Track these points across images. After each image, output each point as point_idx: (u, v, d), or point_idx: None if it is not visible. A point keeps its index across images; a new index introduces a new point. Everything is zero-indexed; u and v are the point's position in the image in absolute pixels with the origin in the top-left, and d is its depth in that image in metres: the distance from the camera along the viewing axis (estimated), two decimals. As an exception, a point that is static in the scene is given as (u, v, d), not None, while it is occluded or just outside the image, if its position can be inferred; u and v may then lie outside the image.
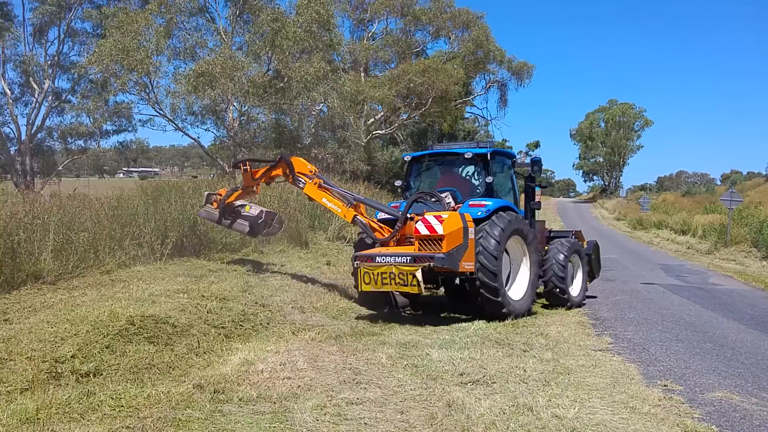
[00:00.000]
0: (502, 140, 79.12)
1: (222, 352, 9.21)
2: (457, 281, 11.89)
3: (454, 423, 6.34)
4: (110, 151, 43.17)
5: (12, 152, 38.83)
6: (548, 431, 6.20)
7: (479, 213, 11.79)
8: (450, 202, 12.32)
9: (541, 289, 13.68)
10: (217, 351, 9.32)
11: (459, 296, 13.08)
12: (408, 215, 12.02)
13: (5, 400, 7.02)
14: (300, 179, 13.08)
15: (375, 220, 12.87)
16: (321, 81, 31.53)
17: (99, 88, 36.10)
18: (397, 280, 11.00)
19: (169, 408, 6.63)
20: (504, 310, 11.57)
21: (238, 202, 14.12)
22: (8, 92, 38.31)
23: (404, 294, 12.68)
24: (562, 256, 13.45)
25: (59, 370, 7.97)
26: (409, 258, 11.12)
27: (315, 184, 12.99)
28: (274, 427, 6.15)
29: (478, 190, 12.93)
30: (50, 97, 39.00)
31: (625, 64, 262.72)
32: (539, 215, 14.96)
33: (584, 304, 14.15)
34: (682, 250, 35.14)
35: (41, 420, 6.04)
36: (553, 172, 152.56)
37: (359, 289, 12.15)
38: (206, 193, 14.52)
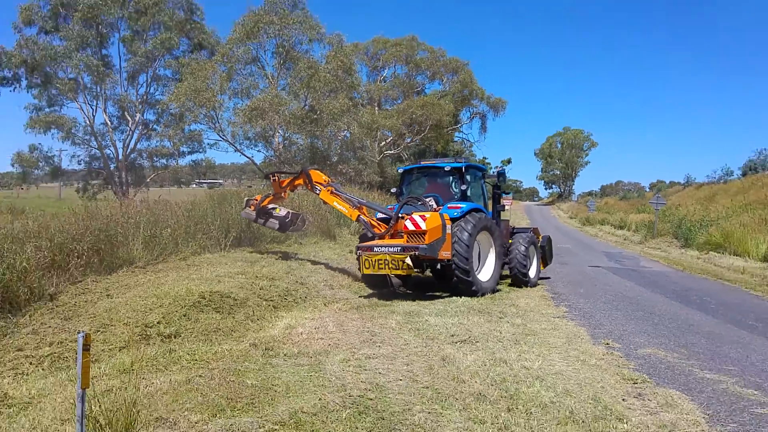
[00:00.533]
0: (482, 158, 78.78)
1: (271, 319, 9.25)
2: (438, 266, 11.74)
3: (447, 372, 6.35)
4: (186, 167, 43.20)
5: (112, 168, 38.95)
6: (519, 378, 6.19)
7: (455, 213, 11.84)
8: (432, 205, 12.36)
9: (507, 272, 13.67)
10: (267, 318, 9.36)
11: (442, 277, 12.94)
12: (400, 215, 12.02)
13: (108, 356, 7.07)
14: (317, 187, 13.03)
15: (375, 219, 12.78)
16: (345, 113, 31.59)
17: (177, 120, 36.15)
18: (390, 265, 11.14)
19: (231, 361, 6.66)
20: (474, 288, 11.58)
21: (271, 205, 13.99)
22: (109, 123, 38.41)
23: (398, 276, 12.65)
24: (523, 248, 13.48)
25: (148, 333, 8.01)
26: (399, 248, 11.20)
27: (328, 190, 12.94)
28: (311, 375, 6.16)
29: (455, 196, 12.88)
30: (140, 127, 39.05)
31: (578, 96, 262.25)
32: (509, 215, 15.08)
33: (538, 284, 14.16)
34: (620, 240, 34.99)
35: (135, 370, 6.07)
36: (521, 182, 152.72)
37: (361, 272, 12.13)
38: (246, 198, 14.50)
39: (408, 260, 10.87)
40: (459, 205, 12.12)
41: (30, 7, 35.66)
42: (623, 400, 5.75)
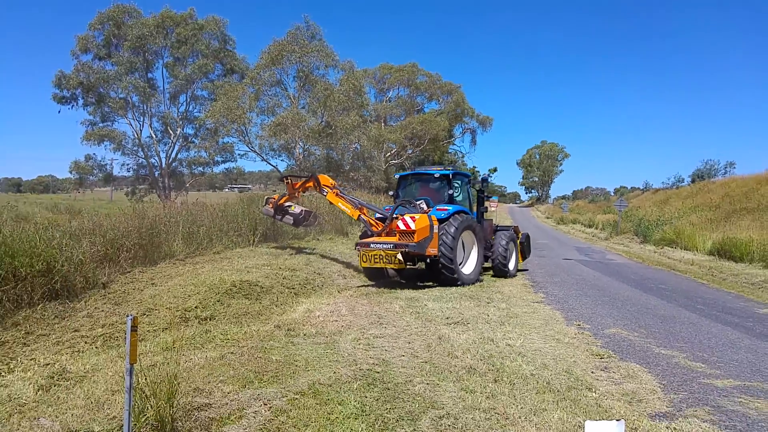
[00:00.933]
0: (473, 167, 78.50)
1: (292, 304, 9.23)
2: (428, 261, 11.57)
3: (443, 349, 6.32)
4: (219, 174, 43.32)
5: (156, 175, 39.01)
6: (503, 354, 6.16)
7: (442, 215, 11.57)
8: (423, 207, 12.12)
9: (489, 264, 13.53)
10: (289, 303, 9.34)
11: (433, 270, 12.44)
12: (394, 216, 11.77)
13: (152, 336, 7.06)
14: (324, 189, 12.80)
15: (374, 218, 12.41)
16: (356, 128, 31.62)
17: (212, 134, 36.17)
18: (384, 260, 10.95)
19: (258, 340, 6.64)
20: (457, 280, 11.40)
21: (287, 204, 13.82)
22: (154, 136, 38.50)
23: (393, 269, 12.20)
24: (504, 243, 13.36)
25: (187, 316, 8.00)
26: (392, 245, 10.96)
27: (334, 192, 12.71)
28: (327, 352, 6.13)
29: (443, 199, 12.55)
30: (181, 140, 39.08)
31: (554, 112, 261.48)
32: (494, 216, 15.00)
33: (518, 275, 13.99)
34: (589, 237, 34.78)
35: (176, 348, 6.06)
36: (506, 187, 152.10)
37: (360, 265, 11.91)
38: (266, 197, 14.37)
39: (399, 256, 10.72)
40: (446, 208, 11.86)
41: (86, 37, 35.81)
42: (592, 372, 5.74)
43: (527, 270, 15.42)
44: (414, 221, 11.02)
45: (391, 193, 14.13)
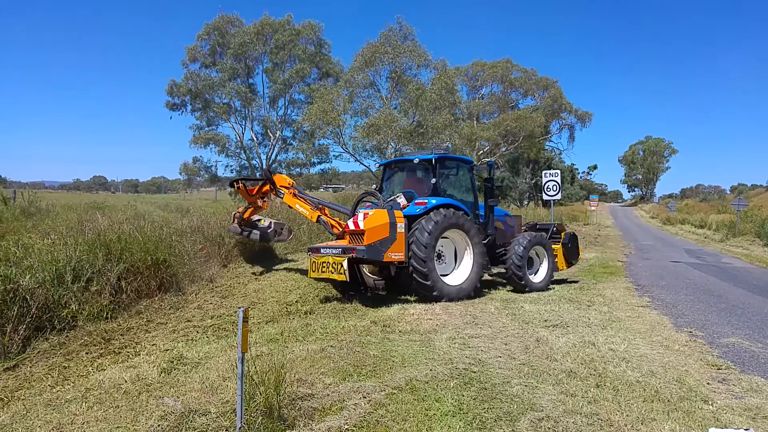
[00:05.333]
0: (571, 164, 75.99)
1: (389, 302, 9.36)
2: (393, 272, 9.46)
3: (541, 351, 6.21)
4: (315, 174, 44.71)
5: (257, 176, 41.05)
6: (606, 359, 5.94)
7: (418, 210, 9.46)
8: (401, 202, 9.81)
9: (496, 271, 11.24)
10: (385, 301, 9.50)
11: (402, 280, 10.03)
12: (356, 213, 9.78)
13: (257, 328, 7.48)
14: (281, 191, 10.79)
15: (336, 219, 10.75)
16: (447, 127, 31.46)
17: (309, 136, 37.53)
18: (331, 269, 8.83)
19: (356, 335, 6.84)
20: (435, 293, 9.15)
21: (255, 217, 11.60)
22: (255, 139, 40.57)
23: (378, 274, 9.84)
24: (521, 249, 10.76)
25: (289, 310, 8.41)
26: (340, 250, 8.96)
27: (291, 193, 10.71)
28: (423, 349, 6.21)
29: (426, 190, 10.18)
30: (280, 142, 40.86)
31: (660, 103, 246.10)
32: (594, 215, 13.79)
33: (550, 289, 11.27)
34: (700, 239, 32.48)
35: (279, 340, 6.39)
36: (606, 185, 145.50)
37: (309, 276, 9.59)
38: (233, 213, 11.94)
39: (345, 264, 8.58)
40: (424, 201, 9.63)
41: (195, 47, 38.36)
42: (708, 383, 5.37)
43: (576, 282, 12.54)
44: (365, 218, 8.90)
45: (374, 186, 11.84)
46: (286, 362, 5.04)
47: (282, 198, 10.90)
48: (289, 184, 10.90)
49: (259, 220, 11.66)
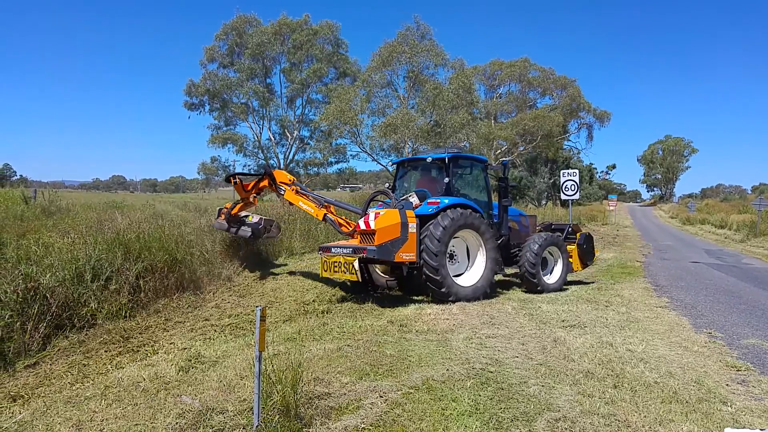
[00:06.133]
0: (589, 164, 75.35)
1: (404, 302, 9.39)
2: (405, 272, 9.49)
3: (559, 352, 6.17)
4: (333, 174, 44.98)
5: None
6: (624, 360, 5.89)
7: (430, 209, 9.34)
8: (413, 201, 9.64)
9: (510, 271, 11.31)
10: (401, 301, 9.51)
11: (414, 281, 10.14)
12: (367, 212, 9.67)
13: (275, 327, 7.53)
14: (281, 188, 10.54)
15: (343, 217, 10.59)
16: (464, 126, 31.39)
17: (326, 136, 37.72)
18: (343, 269, 8.85)
19: (372, 334, 6.87)
20: (446, 293, 9.07)
21: (243, 213, 11.22)
22: (272, 139, 40.83)
23: (390, 273, 10.27)
24: (536, 247, 10.68)
25: (306, 309, 8.46)
26: (351, 250, 8.94)
27: (293, 190, 10.47)
28: (439, 349, 6.21)
29: (439, 190, 10.10)
30: (297, 142, 41.08)
31: (679, 103, 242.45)
32: (613, 215, 13.47)
33: (565, 290, 11.10)
34: (720, 239, 31.94)
35: (297, 339, 6.43)
36: (625, 185, 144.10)
37: (321, 275, 9.64)
38: (218, 208, 11.62)
39: (356, 263, 8.61)
40: (437, 201, 9.50)
41: (213, 48, 38.69)
42: (727, 385, 5.30)
43: (591, 283, 12.42)
44: (376, 218, 8.86)
45: (387, 185, 11.69)
46: (303, 361, 5.07)
47: (283, 195, 10.67)
48: (289, 180, 10.68)
49: (246, 217, 11.28)
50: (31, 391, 5.51)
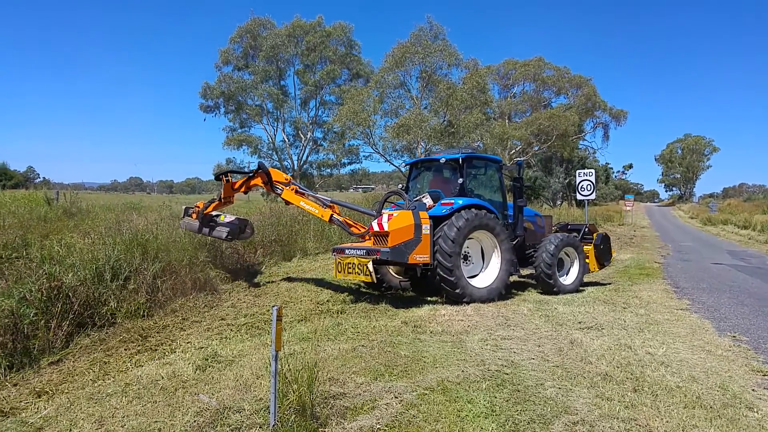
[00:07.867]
0: (605, 163, 74.74)
1: (418, 303, 9.35)
2: (419, 273, 9.44)
3: (576, 354, 6.09)
4: (346, 175, 45.07)
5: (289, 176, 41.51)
6: (643, 363, 5.80)
7: (444, 210, 9.20)
8: (427, 202, 9.60)
9: (526, 272, 11.17)
10: (415, 301, 9.48)
11: (428, 282, 9.98)
12: (381, 213, 9.52)
13: (290, 327, 7.53)
14: (278, 187, 10.14)
15: (347, 218, 10.37)
16: (478, 126, 31.28)
17: (339, 137, 37.84)
18: (357, 270, 8.79)
19: (387, 334, 6.85)
20: (465, 299, 8.98)
21: (214, 213, 10.60)
22: (286, 140, 41.04)
23: (404, 274, 10.28)
24: (552, 247, 10.50)
25: (320, 309, 8.45)
26: (364, 251, 8.88)
27: (292, 190, 10.12)
28: (454, 350, 6.18)
29: (453, 190, 9.98)
30: (311, 143, 41.29)
31: (699, 100, 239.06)
32: (630, 216, 13.29)
33: (581, 291, 10.95)
34: (744, 240, 31.38)
35: (311, 339, 6.42)
36: (642, 185, 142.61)
37: (335, 276, 9.62)
38: (184, 207, 11.13)
39: (370, 265, 8.56)
40: (451, 202, 9.37)
41: (228, 50, 38.94)
42: (753, 390, 5.16)
43: (608, 284, 12.27)
44: (390, 220, 8.77)
45: (400, 185, 11.38)
46: (319, 361, 5.06)
47: (280, 194, 10.27)
48: (286, 180, 10.33)
49: (218, 216, 10.66)
50: (55, 387, 5.56)
